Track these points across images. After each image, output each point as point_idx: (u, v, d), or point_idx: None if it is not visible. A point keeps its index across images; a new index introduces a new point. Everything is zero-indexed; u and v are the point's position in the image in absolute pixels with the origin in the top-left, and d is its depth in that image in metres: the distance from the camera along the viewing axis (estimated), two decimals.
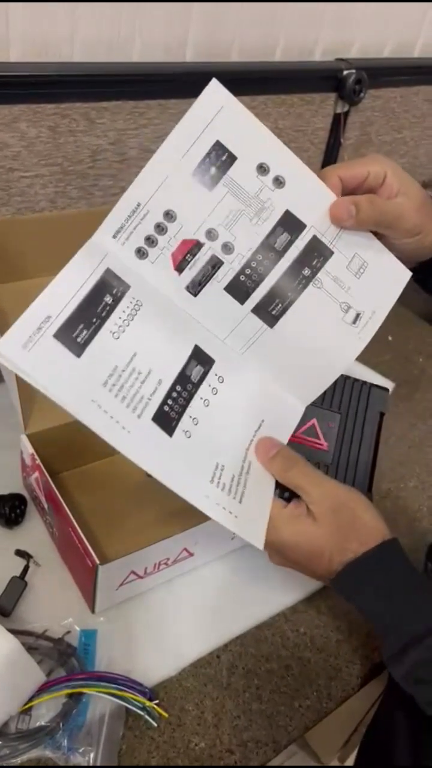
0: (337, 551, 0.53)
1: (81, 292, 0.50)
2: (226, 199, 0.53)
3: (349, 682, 0.67)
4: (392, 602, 0.52)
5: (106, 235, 0.53)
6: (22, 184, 0.84)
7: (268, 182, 0.53)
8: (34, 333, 0.48)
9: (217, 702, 0.63)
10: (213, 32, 0.92)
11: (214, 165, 0.52)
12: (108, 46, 0.84)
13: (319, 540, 0.53)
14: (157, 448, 0.51)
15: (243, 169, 0.53)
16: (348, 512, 0.54)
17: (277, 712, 0.63)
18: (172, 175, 0.51)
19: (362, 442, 0.60)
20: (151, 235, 0.53)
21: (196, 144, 0.51)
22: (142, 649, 0.65)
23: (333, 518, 0.53)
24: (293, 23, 1.00)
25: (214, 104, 0.52)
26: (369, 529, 0.53)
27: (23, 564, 0.68)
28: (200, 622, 0.68)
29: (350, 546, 0.53)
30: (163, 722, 0.60)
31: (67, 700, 0.58)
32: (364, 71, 1.06)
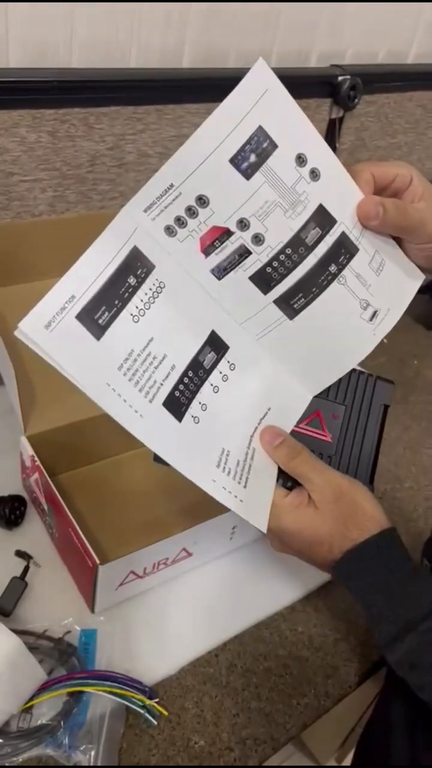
0: (338, 539, 0.54)
1: (106, 272, 0.49)
2: (262, 189, 0.51)
3: (346, 681, 0.68)
4: (388, 589, 0.53)
5: (137, 208, 0.51)
6: (21, 188, 0.84)
7: (305, 174, 0.52)
8: (57, 313, 0.47)
9: (216, 700, 0.63)
10: (210, 39, 0.93)
11: (254, 152, 0.49)
12: (106, 52, 0.85)
13: (321, 528, 0.54)
14: (166, 432, 0.51)
15: (283, 159, 0.51)
16: (349, 501, 0.55)
17: (276, 710, 0.64)
18: (209, 159, 0.49)
19: (365, 434, 0.61)
20: (182, 217, 0.51)
21: (238, 128, 0.48)
22: (141, 649, 0.65)
23: (334, 507, 0.54)
24: (289, 30, 1.01)
25: (259, 86, 0.49)
26: (369, 518, 0.54)
27: (23, 565, 0.68)
28: (199, 622, 0.69)
29: (350, 534, 0.54)
30: (163, 720, 0.61)
31: (68, 699, 0.59)
32: (358, 77, 1.07)
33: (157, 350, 0.52)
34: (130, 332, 0.51)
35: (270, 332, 0.57)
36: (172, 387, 0.52)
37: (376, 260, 0.56)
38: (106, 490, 0.79)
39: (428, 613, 0.51)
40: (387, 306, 0.58)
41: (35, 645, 0.61)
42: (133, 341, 0.51)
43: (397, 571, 0.53)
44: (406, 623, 0.51)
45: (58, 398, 0.75)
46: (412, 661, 0.51)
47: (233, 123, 0.49)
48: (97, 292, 0.49)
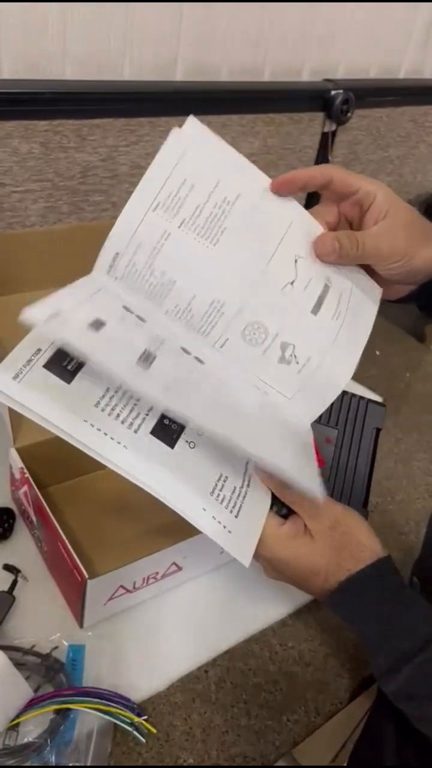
0: (333, 570, 0.53)
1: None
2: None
3: (337, 697, 0.67)
4: (383, 620, 0.52)
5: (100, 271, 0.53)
6: (12, 199, 0.84)
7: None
8: (24, 365, 0.48)
9: (205, 717, 0.63)
10: (202, 53, 0.94)
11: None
12: (98, 67, 0.86)
13: (316, 558, 0.53)
14: (155, 461, 0.50)
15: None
16: (344, 531, 0.54)
17: (265, 727, 0.63)
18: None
19: (359, 458, 0.61)
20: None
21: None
22: (130, 664, 0.64)
23: (329, 537, 0.54)
24: (281, 45, 1.01)
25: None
26: (363, 548, 0.54)
27: (11, 578, 0.67)
28: (189, 637, 0.68)
29: (345, 564, 0.53)
30: (151, 738, 0.60)
31: (55, 716, 0.58)
32: (351, 92, 1.08)
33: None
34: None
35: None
36: (159, 416, 0.51)
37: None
38: (96, 503, 0.78)
39: (424, 644, 0.51)
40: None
41: (22, 661, 0.60)
42: (108, 381, 0.50)
43: (392, 601, 0.53)
44: (402, 655, 0.51)
45: None
46: (409, 692, 0.51)
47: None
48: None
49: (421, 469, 0.99)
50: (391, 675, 0.51)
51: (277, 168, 1.10)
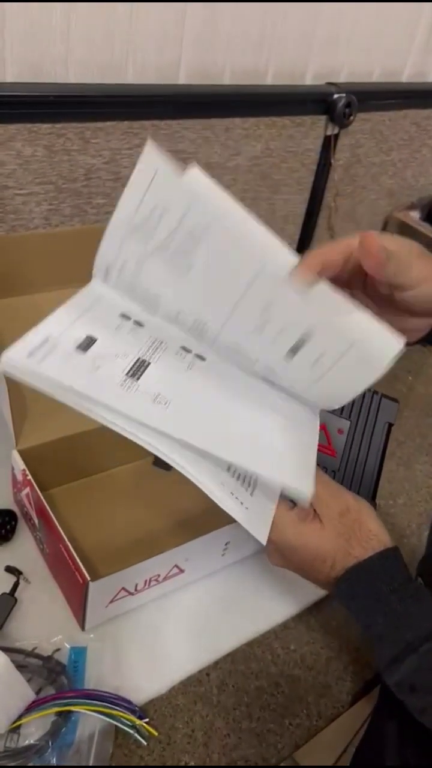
0: (341, 556, 0.53)
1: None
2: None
3: (339, 700, 0.67)
4: (389, 609, 0.52)
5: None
6: (16, 201, 0.84)
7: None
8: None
9: (207, 720, 0.63)
10: (205, 56, 0.94)
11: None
12: (102, 68, 0.86)
13: (324, 544, 0.54)
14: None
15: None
16: (354, 518, 0.55)
17: (267, 730, 0.63)
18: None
19: (369, 450, 0.61)
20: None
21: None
22: (132, 667, 0.64)
23: (339, 523, 0.54)
24: (284, 48, 1.02)
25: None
26: (372, 536, 0.54)
27: (13, 580, 0.67)
28: (190, 639, 0.68)
29: (353, 551, 0.53)
30: (153, 740, 0.60)
31: (57, 719, 0.58)
32: (353, 95, 1.08)
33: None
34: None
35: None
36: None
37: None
38: (98, 505, 0.78)
39: (429, 634, 0.51)
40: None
41: (24, 663, 0.60)
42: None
43: (399, 591, 0.53)
44: (407, 645, 0.51)
45: (51, 412, 0.74)
46: (412, 683, 0.51)
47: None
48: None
49: (423, 472, 0.99)
50: (395, 665, 0.51)
51: (280, 170, 1.10)
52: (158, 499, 0.79)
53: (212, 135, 0.97)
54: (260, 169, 1.07)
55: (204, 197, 0.49)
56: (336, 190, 1.22)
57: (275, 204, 1.14)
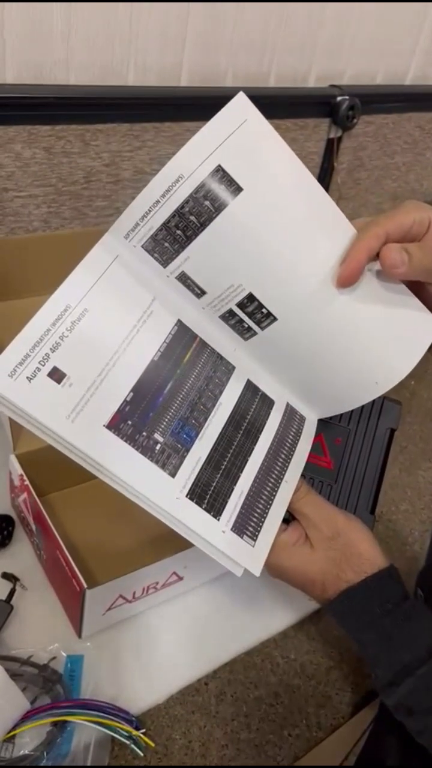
0: (331, 580, 0.53)
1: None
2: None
3: (339, 710, 0.66)
4: (384, 632, 0.52)
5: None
6: (15, 204, 0.84)
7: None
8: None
9: (205, 731, 0.62)
10: (207, 58, 0.94)
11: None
12: (103, 71, 0.85)
13: (314, 568, 0.53)
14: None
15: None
16: (345, 542, 0.54)
17: (266, 741, 0.62)
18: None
19: (369, 459, 0.58)
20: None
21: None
22: (129, 676, 0.63)
23: (329, 548, 0.54)
24: (287, 50, 1.01)
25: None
26: (364, 560, 0.54)
27: (9, 587, 0.67)
28: (189, 648, 0.67)
29: (345, 576, 0.53)
30: (150, 752, 0.59)
31: (52, 729, 0.57)
32: (357, 98, 1.08)
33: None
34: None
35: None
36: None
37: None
38: (97, 511, 0.77)
39: (425, 656, 0.50)
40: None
41: (19, 671, 0.60)
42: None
43: (393, 613, 0.52)
44: (403, 667, 0.50)
45: None
46: (410, 705, 0.50)
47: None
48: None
49: (426, 478, 0.98)
50: (392, 688, 0.51)
51: None
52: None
53: None
54: None
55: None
56: (339, 193, 1.21)
57: None
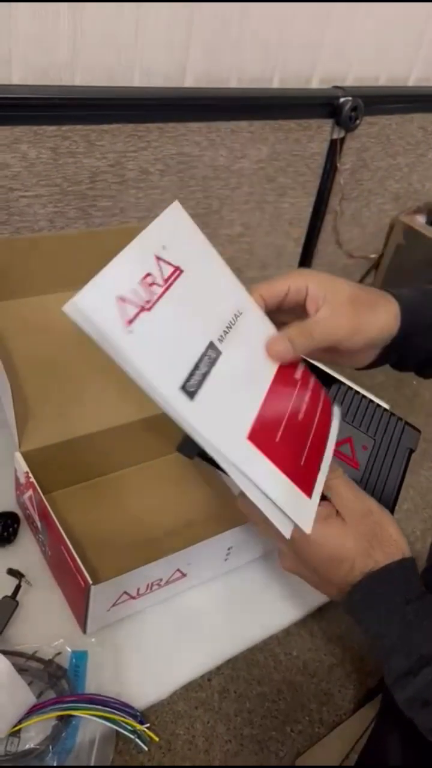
0: (361, 558, 0.52)
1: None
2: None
3: (341, 707, 0.67)
4: (404, 620, 0.50)
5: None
6: (21, 204, 0.84)
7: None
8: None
9: (208, 726, 0.62)
10: (212, 60, 0.94)
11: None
12: (108, 72, 0.86)
13: (346, 543, 0.52)
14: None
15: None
16: (376, 521, 0.53)
17: (269, 737, 0.63)
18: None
19: (390, 473, 0.61)
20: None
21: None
22: (133, 671, 0.64)
23: (361, 524, 0.53)
24: (291, 51, 1.01)
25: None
26: (393, 543, 0.53)
27: (15, 583, 0.67)
28: (192, 644, 0.68)
29: (374, 554, 0.52)
30: (154, 746, 0.60)
31: (57, 723, 0.57)
32: (360, 99, 1.08)
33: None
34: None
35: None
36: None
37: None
38: (101, 508, 0.78)
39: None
40: None
41: (25, 667, 0.60)
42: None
43: (415, 602, 0.51)
44: (421, 657, 0.49)
45: (54, 414, 0.74)
46: (426, 698, 0.49)
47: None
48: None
49: (428, 478, 0.98)
50: (408, 678, 0.49)
51: (285, 174, 1.10)
52: (161, 502, 0.78)
53: (218, 138, 0.97)
54: (266, 172, 1.07)
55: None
56: (342, 194, 1.21)
57: (281, 208, 1.14)
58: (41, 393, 0.75)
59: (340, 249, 1.31)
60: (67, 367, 0.78)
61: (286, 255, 1.21)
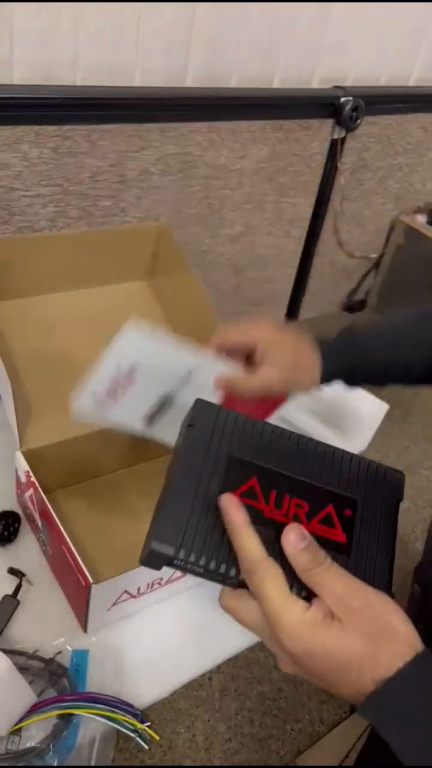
0: (368, 663, 0.44)
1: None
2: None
3: (341, 706, 0.67)
4: (428, 732, 0.44)
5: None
6: (22, 203, 0.84)
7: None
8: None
9: (209, 725, 0.62)
10: (212, 60, 0.94)
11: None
12: (110, 72, 0.86)
13: (350, 649, 0.45)
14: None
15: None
16: (376, 615, 0.46)
17: (269, 736, 0.63)
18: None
19: (380, 537, 0.52)
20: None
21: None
22: (133, 670, 0.64)
23: (361, 622, 0.45)
24: (292, 51, 1.01)
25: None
26: (401, 639, 0.46)
27: (16, 582, 0.67)
28: (193, 643, 0.68)
29: (382, 657, 0.44)
30: (154, 745, 0.60)
31: (58, 722, 0.57)
32: (361, 99, 1.08)
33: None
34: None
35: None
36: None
37: None
38: (102, 507, 0.78)
39: None
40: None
41: (26, 665, 0.60)
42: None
43: None
44: None
45: (55, 414, 0.74)
46: None
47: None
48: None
49: (428, 477, 0.98)
50: None
51: (286, 174, 1.10)
52: None
53: (219, 138, 0.97)
54: (266, 172, 1.07)
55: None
56: (342, 193, 1.21)
57: (281, 207, 1.14)
58: (42, 392, 0.75)
59: (340, 249, 1.31)
60: (67, 367, 0.78)
61: (286, 254, 1.22)
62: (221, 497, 0.47)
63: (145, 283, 0.90)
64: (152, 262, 0.89)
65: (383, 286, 1.40)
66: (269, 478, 0.50)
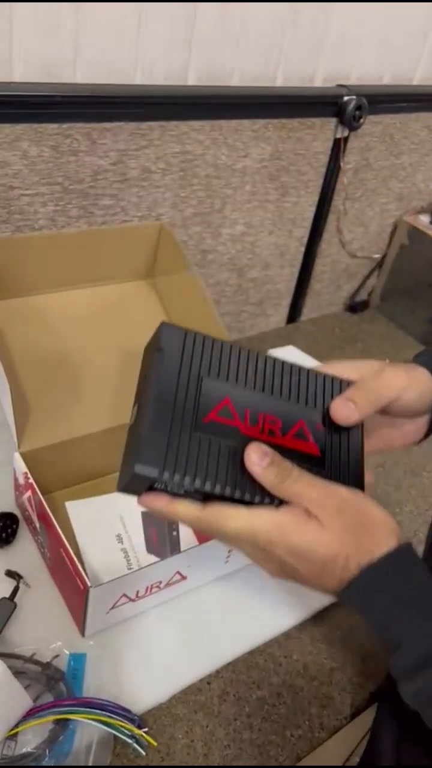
0: (353, 552, 0.47)
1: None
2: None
3: (341, 712, 0.66)
4: (414, 609, 0.47)
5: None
6: (22, 202, 0.84)
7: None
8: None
9: (207, 730, 0.62)
10: (214, 58, 0.93)
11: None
12: (110, 70, 0.85)
13: (332, 542, 0.47)
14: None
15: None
16: (356, 511, 0.49)
17: (268, 742, 0.62)
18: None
19: (350, 443, 0.54)
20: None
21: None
22: (131, 675, 0.63)
23: (340, 519, 0.48)
24: (294, 50, 1.01)
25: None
26: (382, 528, 0.48)
27: (13, 585, 0.67)
28: (191, 647, 0.67)
29: (366, 545, 0.47)
30: (152, 751, 0.59)
31: (54, 726, 0.57)
32: (364, 97, 1.07)
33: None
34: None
35: None
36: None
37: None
38: None
39: None
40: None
41: (22, 669, 0.60)
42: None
43: (423, 589, 0.47)
44: (429, 651, 0.46)
45: (53, 415, 0.74)
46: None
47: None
48: None
49: (430, 479, 0.97)
50: (414, 674, 0.46)
51: (288, 173, 1.09)
52: None
53: (220, 136, 0.96)
54: (269, 171, 1.06)
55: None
56: (345, 193, 1.21)
57: (283, 207, 1.13)
58: (41, 393, 0.74)
59: (343, 249, 1.30)
60: (66, 368, 0.78)
61: (288, 254, 1.21)
62: (141, 503, 0.49)
63: (146, 282, 0.89)
64: (153, 262, 0.88)
65: (386, 286, 1.39)
66: (242, 397, 0.51)
